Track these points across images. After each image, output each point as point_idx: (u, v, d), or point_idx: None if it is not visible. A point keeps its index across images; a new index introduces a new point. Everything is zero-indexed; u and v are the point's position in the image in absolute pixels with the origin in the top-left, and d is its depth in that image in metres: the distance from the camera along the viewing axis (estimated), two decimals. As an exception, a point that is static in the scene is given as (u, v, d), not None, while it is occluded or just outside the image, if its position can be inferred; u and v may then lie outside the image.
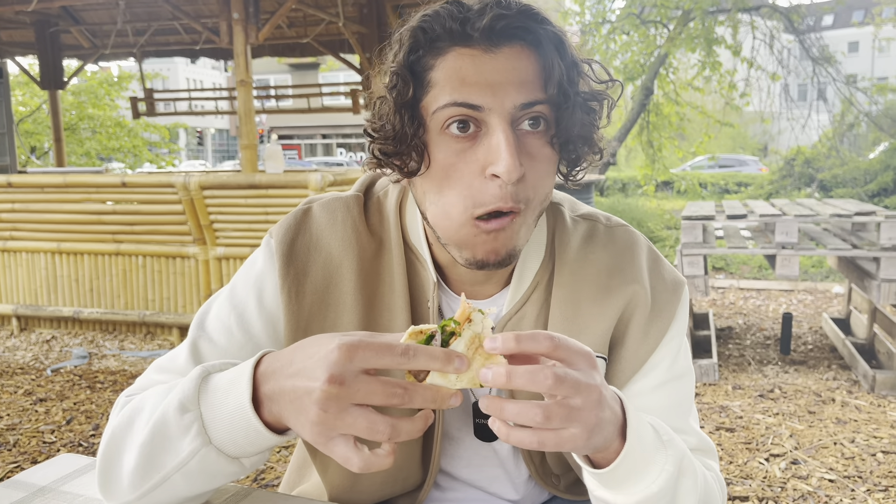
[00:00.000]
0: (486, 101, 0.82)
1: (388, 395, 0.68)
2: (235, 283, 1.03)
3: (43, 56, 7.81)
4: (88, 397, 3.94)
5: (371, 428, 0.68)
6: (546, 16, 0.87)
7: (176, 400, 0.79)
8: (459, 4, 0.86)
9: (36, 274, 5.34)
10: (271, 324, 0.99)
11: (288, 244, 0.99)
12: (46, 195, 5.09)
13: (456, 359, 0.68)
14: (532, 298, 1.01)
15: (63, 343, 5.07)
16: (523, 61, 0.84)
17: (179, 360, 0.98)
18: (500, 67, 0.83)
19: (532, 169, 0.86)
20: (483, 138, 0.85)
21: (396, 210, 1.03)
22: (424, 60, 0.86)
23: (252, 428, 0.75)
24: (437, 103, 0.85)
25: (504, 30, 0.83)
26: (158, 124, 14.27)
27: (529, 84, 0.84)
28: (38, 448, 3.30)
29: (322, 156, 36.24)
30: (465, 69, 0.83)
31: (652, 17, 10.35)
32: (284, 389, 0.72)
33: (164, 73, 15.33)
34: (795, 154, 13.05)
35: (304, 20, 7.45)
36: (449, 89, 0.84)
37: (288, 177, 4.55)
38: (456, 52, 0.84)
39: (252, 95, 5.13)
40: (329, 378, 0.67)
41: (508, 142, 0.82)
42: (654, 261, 1.05)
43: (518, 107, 0.83)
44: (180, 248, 4.91)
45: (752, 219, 4.26)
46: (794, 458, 3.09)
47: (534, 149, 0.87)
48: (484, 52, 0.83)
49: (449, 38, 0.84)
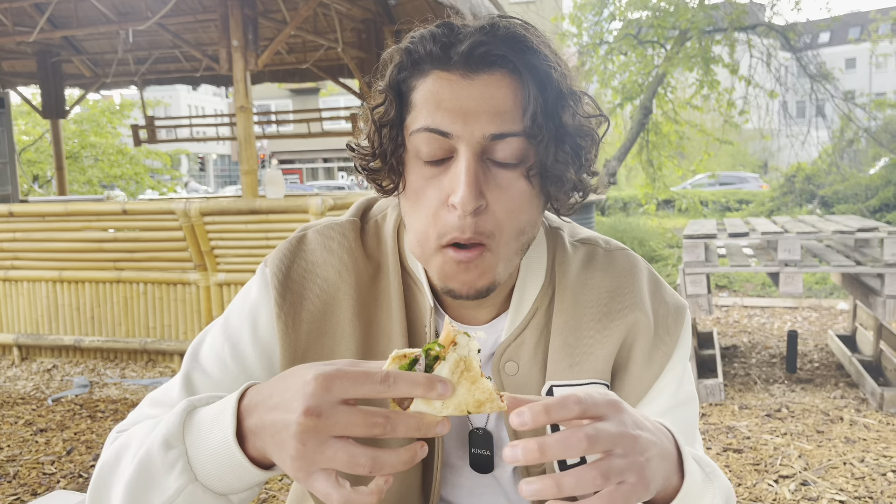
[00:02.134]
0: (455, 128, 0.82)
1: (368, 425, 0.65)
2: (230, 313, 1.01)
3: (45, 85, 7.86)
4: (89, 427, 3.91)
5: (352, 461, 0.65)
6: (535, 42, 0.85)
7: (160, 436, 0.77)
8: (448, 27, 0.85)
9: (37, 303, 5.32)
10: (266, 354, 0.98)
11: (283, 272, 0.98)
12: (47, 223, 5.09)
13: (439, 384, 0.66)
14: (532, 324, 0.99)
15: (64, 372, 5.04)
16: (502, 90, 0.83)
17: (173, 392, 0.96)
18: (476, 95, 0.82)
19: (499, 201, 0.84)
20: (451, 165, 0.84)
21: (394, 234, 1.02)
22: (409, 81, 0.86)
23: (237, 464, 0.73)
24: (413, 125, 0.85)
25: (483, 56, 0.82)
26: (160, 151, 14.34)
27: (504, 114, 0.82)
28: (38, 480, 3.26)
29: (324, 179, 36.38)
30: (442, 93, 0.83)
31: (649, 38, 10.42)
32: (265, 424, 0.70)
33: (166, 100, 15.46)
34: (796, 171, 13.06)
35: (303, 46, 7.51)
36: (424, 113, 0.84)
37: (288, 202, 4.56)
38: (435, 76, 0.84)
39: (252, 121, 5.15)
40: (305, 410, 0.65)
41: (468, 172, 0.81)
42: (655, 284, 1.04)
43: (488, 137, 0.82)
44: (181, 274, 4.90)
45: (754, 236, 4.25)
46: (804, 480, 3.05)
47: (504, 181, 0.85)
48: (461, 78, 0.83)
49: (430, 61, 0.84)
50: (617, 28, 11.04)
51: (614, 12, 10.89)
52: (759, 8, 11.59)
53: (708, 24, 9.70)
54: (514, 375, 0.99)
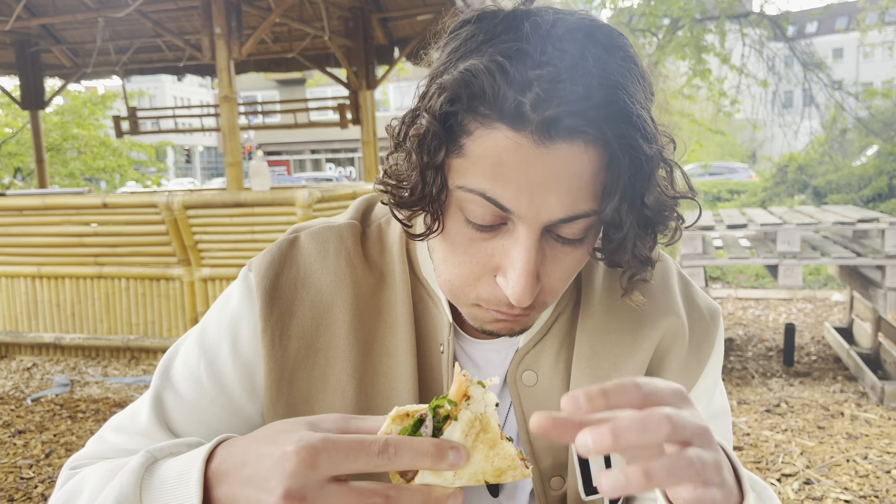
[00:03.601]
0: (519, 207, 0.67)
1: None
2: (206, 323, 0.88)
3: (24, 76, 7.67)
4: (69, 428, 3.78)
5: None
6: (634, 106, 0.66)
7: (111, 498, 0.64)
8: (524, 60, 0.64)
9: (16, 299, 5.17)
10: (248, 374, 0.85)
11: (271, 280, 0.84)
12: (25, 218, 4.93)
13: (451, 452, 0.55)
14: (553, 330, 0.89)
15: (44, 370, 4.90)
16: (581, 165, 0.66)
17: (141, 417, 0.84)
18: (551, 169, 0.65)
19: (553, 274, 0.73)
20: (504, 236, 0.71)
21: (402, 240, 0.89)
22: (462, 120, 0.68)
23: None
24: (465, 180, 0.69)
25: (570, 127, 0.64)
26: (144, 143, 14.11)
27: (579, 192, 0.67)
28: (14, 485, 3.14)
29: (311, 171, 36.14)
30: (508, 158, 0.66)
31: (640, 26, 10.32)
32: (238, 500, 0.58)
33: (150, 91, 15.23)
34: (788, 160, 13.02)
35: (289, 35, 7.35)
36: (482, 174, 0.67)
37: (274, 194, 4.42)
38: (501, 133, 0.65)
39: (237, 111, 5.00)
40: (286, 493, 0.54)
41: (528, 266, 0.69)
42: (686, 286, 0.94)
43: (555, 221, 0.68)
44: (164, 269, 4.77)
45: (752, 228, 4.16)
46: (807, 478, 2.97)
47: (562, 255, 0.73)
48: (535, 145, 0.65)
49: (497, 110, 0.65)
50: (608, 16, 10.94)
51: (605, 1, 10.78)
52: (750, -4, 11.52)
53: (700, 13, 9.62)
54: (533, 387, 0.88)
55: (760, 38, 10.47)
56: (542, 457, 0.89)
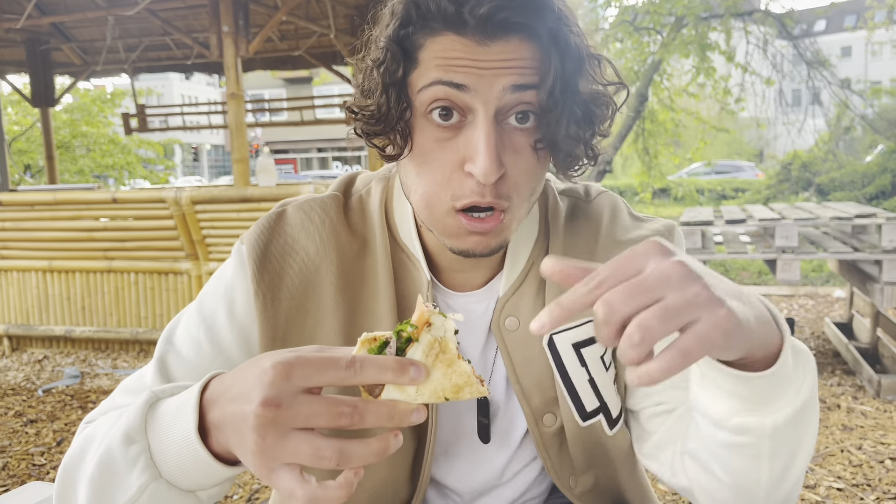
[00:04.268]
0: (471, 81, 0.77)
1: (333, 415, 0.60)
2: (204, 294, 0.97)
3: (34, 74, 7.77)
4: (79, 417, 3.87)
5: (316, 454, 0.60)
6: (556, 4, 0.79)
7: (121, 431, 0.71)
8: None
9: (27, 293, 5.27)
10: (243, 335, 0.93)
11: (261, 248, 0.93)
12: (37, 213, 5.03)
13: (411, 368, 0.61)
14: (529, 278, 0.97)
15: (55, 363, 4.99)
16: (520, 52, 0.78)
17: (146, 379, 0.92)
18: (493, 58, 0.77)
19: (516, 165, 0.81)
20: (465, 129, 0.80)
21: (381, 208, 0.97)
22: (415, 38, 0.80)
23: (201, 460, 0.67)
24: (422, 81, 0.79)
25: (503, 22, 0.76)
26: (153, 141, 14.23)
27: (522, 70, 0.78)
28: (27, 471, 3.22)
29: (318, 169, 36.27)
30: (456, 53, 0.77)
31: (645, 24, 10.35)
32: (226, 417, 0.64)
33: (158, 89, 15.35)
34: (792, 158, 13.04)
35: (295, 33, 7.43)
36: (435, 68, 0.78)
37: (280, 190, 4.50)
38: (448, 38, 0.78)
39: (244, 109, 5.09)
40: (263, 401, 0.59)
41: (488, 140, 0.77)
42: (637, 220, 1.03)
43: (507, 89, 0.78)
44: (173, 263, 4.85)
45: (751, 223, 4.21)
46: (801, 467, 3.02)
47: (520, 144, 0.81)
48: (477, 45, 0.77)
49: (442, 20, 0.78)
50: (613, 15, 10.98)
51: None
52: (756, -6, 11.53)
53: (704, 11, 9.64)
54: (516, 331, 0.96)
55: (765, 36, 10.48)
56: (532, 395, 0.95)
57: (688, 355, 0.54)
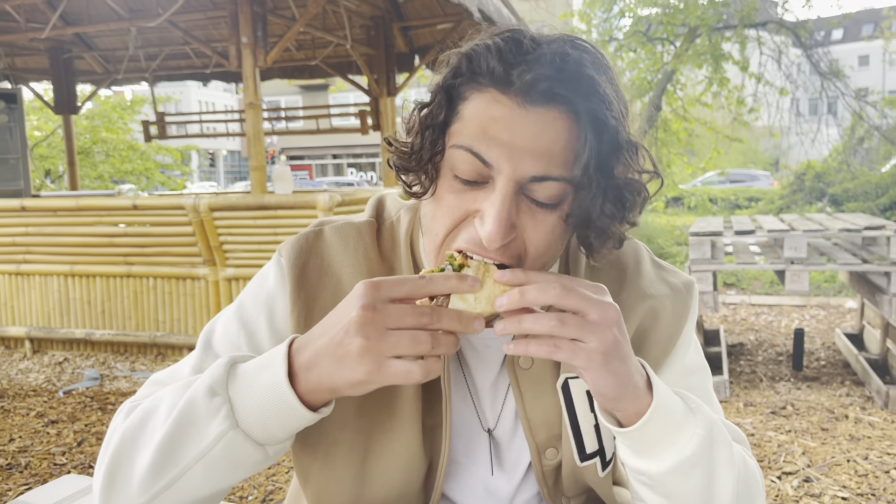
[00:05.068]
0: (498, 161, 0.79)
1: (418, 314, 0.73)
2: (244, 299, 1.01)
3: (57, 82, 7.93)
4: (99, 419, 3.96)
5: (414, 340, 0.72)
6: (603, 84, 0.80)
7: (205, 385, 0.80)
8: (516, 44, 0.81)
9: (49, 296, 5.39)
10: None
11: (300, 267, 0.98)
12: (59, 218, 5.15)
13: (469, 277, 0.76)
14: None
15: (75, 365, 5.10)
16: (556, 129, 0.79)
17: (181, 374, 0.97)
18: (528, 129, 0.78)
19: (530, 228, 0.83)
20: (485, 189, 0.82)
21: (408, 237, 1.01)
22: (462, 89, 0.83)
23: (286, 405, 0.77)
24: (457, 138, 0.82)
25: (546, 91, 0.78)
26: (171, 147, 14.42)
27: (552, 156, 0.79)
28: (49, 470, 3.31)
29: (333, 176, 36.44)
30: (494, 117, 0.79)
31: (658, 35, 10.39)
32: (321, 348, 0.76)
33: (176, 96, 15.52)
34: (806, 168, 13.00)
35: (312, 43, 7.53)
36: (471, 132, 0.81)
37: (297, 197, 4.59)
38: (491, 95, 0.80)
39: (261, 117, 5.18)
40: (362, 306, 0.72)
41: (501, 209, 0.79)
42: (659, 269, 1.06)
43: (529, 178, 0.79)
44: (190, 269, 4.95)
45: (760, 234, 4.25)
46: (807, 476, 3.06)
47: (539, 216, 0.83)
48: (517, 106, 0.79)
49: (489, 77, 0.80)
50: (626, 25, 11.03)
51: (624, 9, 10.87)
52: (770, 4, 11.53)
53: (718, 21, 9.66)
54: (529, 369, 0.99)
55: (778, 46, 10.48)
56: (538, 431, 1.01)
57: (556, 350, 0.75)
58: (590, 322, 0.74)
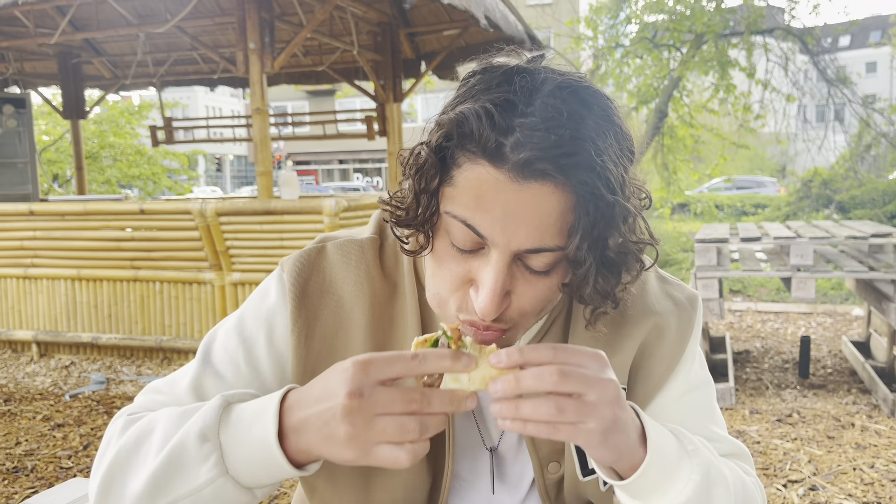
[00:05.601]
0: (493, 234, 0.77)
1: (407, 400, 0.71)
2: (244, 313, 1.00)
3: (65, 86, 7.98)
4: (105, 423, 3.97)
5: (402, 429, 0.71)
6: (604, 150, 0.76)
7: (196, 428, 0.80)
8: (510, 109, 0.75)
9: (56, 300, 5.41)
10: (279, 363, 0.97)
11: (301, 285, 0.97)
12: (67, 223, 5.18)
13: (464, 357, 0.73)
14: (549, 334, 1.00)
15: (82, 369, 5.12)
16: (550, 204, 0.75)
17: (180, 386, 0.96)
18: (522, 204, 0.75)
19: (524, 295, 0.81)
20: (481, 257, 0.80)
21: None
22: (454, 153, 0.79)
23: (274, 462, 0.77)
24: (451, 207, 0.79)
25: (540, 171, 0.74)
26: (178, 152, 14.48)
27: (547, 228, 0.76)
28: (55, 474, 3.33)
29: (339, 181, 36.54)
30: (487, 190, 0.76)
31: (665, 41, 10.39)
32: (310, 418, 0.74)
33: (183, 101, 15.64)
34: (812, 175, 12.97)
35: (319, 49, 7.56)
36: (465, 203, 0.78)
37: (303, 203, 4.61)
38: (484, 168, 0.76)
39: (268, 123, 5.20)
40: (349, 393, 0.70)
41: (495, 285, 0.78)
42: (664, 282, 1.06)
43: (523, 250, 0.78)
44: (197, 273, 4.97)
45: (766, 241, 4.24)
46: (813, 485, 3.05)
47: (533, 281, 0.81)
48: (511, 181, 0.75)
49: (481, 149, 0.76)
50: (633, 31, 11.03)
51: (630, 16, 10.87)
52: (777, 11, 11.53)
53: (724, 28, 9.66)
54: None
55: (785, 53, 10.47)
56: (541, 445, 1.01)
57: (555, 432, 0.72)
58: (588, 403, 0.71)
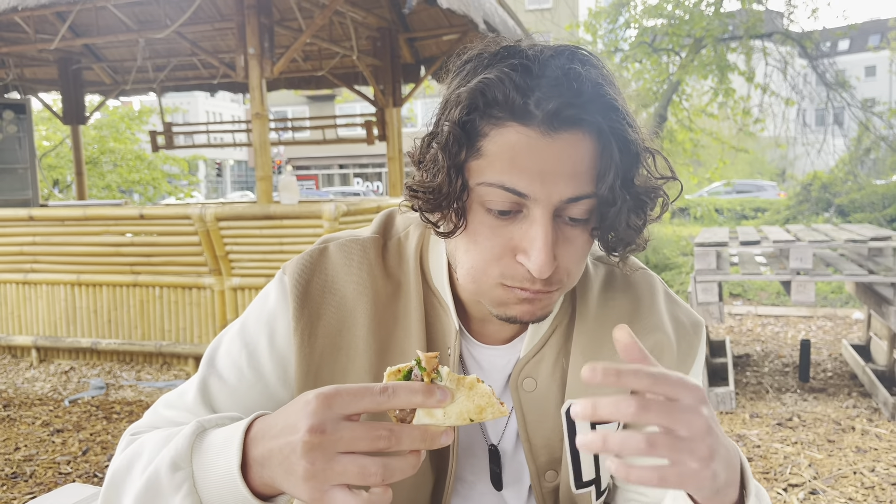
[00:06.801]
0: (533, 190, 0.79)
1: (373, 438, 0.66)
2: (247, 318, 1.01)
3: (65, 92, 7.99)
4: (105, 428, 3.97)
5: (362, 472, 0.66)
6: (617, 101, 0.81)
7: (168, 457, 0.78)
8: (527, 72, 0.79)
9: (56, 305, 5.41)
10: (282, 366, 0.97)
11: (303, 285, 0.97)
12: (66, 228, 5.18)
13: (437, 391, 0.67)
14: (551, 341, 1.00)
15: (81, 374, 5.12)
16: (581, 151, 0.79)
17: (188, 396, 0.97)
18: (556, 156, 0.79)
19: (567, 255, 0.84)
20: (521, 221, 0.82)
21: (417, 253, 1.01)
22: (479, 125, 0.81)
23: (240, 495, 0.74)
24: (484, 177, 0.81)
25: (569, 118, 0.78)
26: (178, 157, 14.50)
27: (581, 176, 0.80)
28: (54, 479, 3.32)
29: (339, 185, 36.53)
30: (520, 150, 0.79)
31: (664, 46, 10.41)
32: (272, 451, 0.70)
33: (184, 106, 15.62)
34: (812, 179, 12.98)
35: (318, 54, 7.57)
36: (499, 168, 0.80)
37: (302, 207, 4.61)
38: (513, 129, 0.79)
39: (267, 128, 5.21)
40: (310, 428, 0.66)
41: (546, 241, 0.80)
42: (672, 303, 1.06)
43: (564, 200, 0.80)
44: (196, 278, 4.97)
45: (766, 245, 4.24)
46: (813, 488, 3.04)
47: (572, 236, 0.84)
48: (542, 136, 0.78)
49: (508, 111, 0.79)
50: (632, 36, 11.05)
51: (629, 20, 10.90)
52: (776, 15, 11.56)
53: (723, 32, 9.68)
54: (532, 392, 0.99)
55: (784, 57, 10.49)
56: (539, 453, 1.01)
57: (663, 481, 0.64)
58: (679, 438, 0.65)
